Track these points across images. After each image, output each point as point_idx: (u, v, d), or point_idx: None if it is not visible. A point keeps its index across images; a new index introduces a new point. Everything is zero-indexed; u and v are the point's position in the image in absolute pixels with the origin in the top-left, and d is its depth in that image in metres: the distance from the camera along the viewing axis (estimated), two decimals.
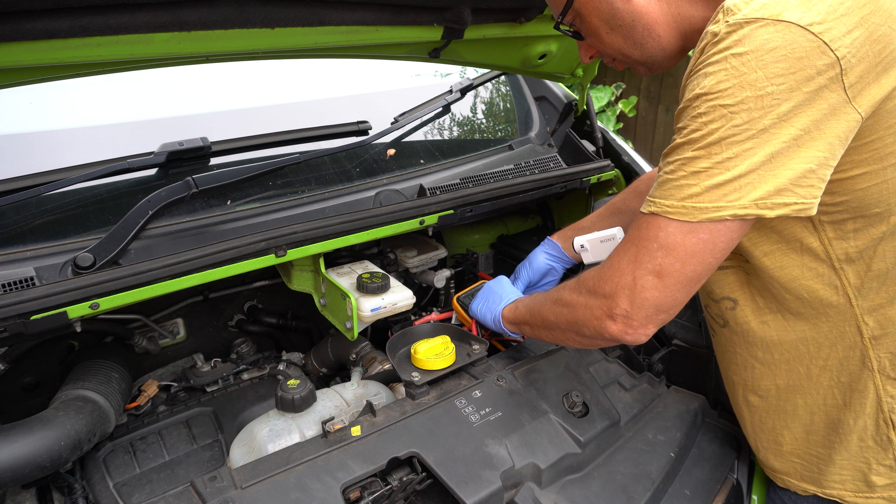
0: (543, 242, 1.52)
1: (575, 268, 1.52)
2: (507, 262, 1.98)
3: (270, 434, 1.15)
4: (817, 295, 1.00)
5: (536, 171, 1.78)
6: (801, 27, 0.80)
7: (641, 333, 0.97)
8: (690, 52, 1.01)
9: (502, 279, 1.42)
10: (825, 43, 0.80)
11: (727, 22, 0.85)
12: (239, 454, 1.16)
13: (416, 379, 1.22)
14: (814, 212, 0.85)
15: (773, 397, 1.13)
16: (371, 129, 1.64)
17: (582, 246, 1.42)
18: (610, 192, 1.95)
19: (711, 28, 0.87)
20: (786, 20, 0.81)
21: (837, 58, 0.80)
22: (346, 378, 1.54)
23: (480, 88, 2.02)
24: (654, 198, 0.92)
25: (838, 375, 1.04)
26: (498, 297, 1.35)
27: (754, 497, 1.31)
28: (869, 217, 0.93)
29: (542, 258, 1.49)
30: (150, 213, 1.21)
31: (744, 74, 0.82)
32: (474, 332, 1.50)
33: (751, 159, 0.83)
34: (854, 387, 1.03)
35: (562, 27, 1.11)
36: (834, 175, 0.88)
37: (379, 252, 1.70)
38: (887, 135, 0.87)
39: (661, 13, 1.02)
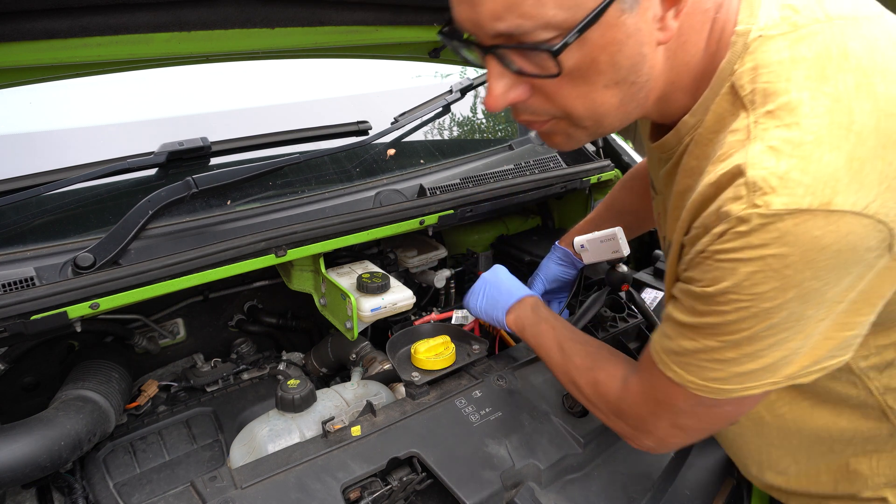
0: (552, 251, 1.51)
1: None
2: (507, 262, 1.98)
3: (270, 434, 1.15)
4: (836, 392, 0.90)
5: (536, 171, 1.78)
6: (856, 213, 0.63)
7: (672, 450, 0.97)
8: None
9: (499, 271, 1.34)
10: (881, 221, 0.64)
11: (757, 209, 0.64)
12: (239, 454, 1.16)
13: (416, 379, 1.22)
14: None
15: (793, 472, 1.04)
16: (371, 129, 1.64)
17: (582, 246, 1.42)
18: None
19: (735, 210, 0.65)
20: (839, 209, 0.62)
21: (890, 230, 0.65)
22: (346, 378, 1.54)
23: (480, 88, 2.02)
24: (671, 363, 0.80)
25: (863, 445, 0.95)
26: (501, 297, 1.27)
27: (755, 497, 1.31)
28: (885, 323, 0.80)
29: (554, 266, 1.47)
30: (150, 213, 1.21)
31: (787, 277, 0.66)
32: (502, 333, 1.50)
33: (789, 344, 0.72)
34: (881, 448, 0.95)
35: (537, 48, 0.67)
36: None
37: (379, 252, 1.70)
38: None
39: (664, 81, 0.77)
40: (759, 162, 0.65)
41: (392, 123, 1.70)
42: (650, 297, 1.65)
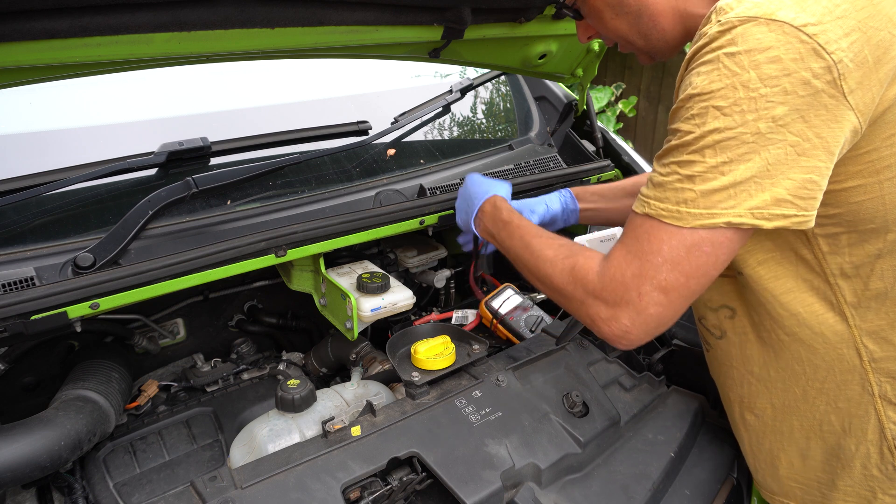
0: (561, 191, 1.50)
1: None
2: (506, 261, 1.97)
3: (270, 434, 1.15)
4: (813, 310, 0.96)
5: (536, 171, 1.78)
6: (795, 27, 0.77)
7: (635, 344, 0.93)
8: (687, 47, 0.97)
9: (470, 178, 1.40)
10: (820, 45, 0.77)
11: (719, 21, 0.82)
12: (239, 454, 1.16)
13: (416, 379, 1.22)
14: (812, 224, 0.82)
15: (768, 417, 1.09)
16: (371, 129, 1.65)
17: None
18: None
19: (704, 28, 0.85)
20: (779, 19, 0.78)
21: (833, 62, 0.77)
22: (346, 378, 1.54)
23: (480, 88, 2.02)
24: (649, 199, 0.88)
25: (835, 400, 0.99)
26: (471, 204, 1.32)
27: (754, 497, 1.31)
28: (864, 232, 0.89)
29: (556, 203, 1.47)
30: (150, 213, 1.22)
31: (736, 74, 0.79)
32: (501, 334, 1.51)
33: (746, 164, 0.80)
34: (853, 412, 0.98)
35: (564, 6, 1.11)
36: (827, 185, 0.84)
37: (379, 252, 1.70)
38: (884, 146, 0.83)
39: (667, 5, 1.01)
40: None
41: (392, 123, 1.70)
42: None
